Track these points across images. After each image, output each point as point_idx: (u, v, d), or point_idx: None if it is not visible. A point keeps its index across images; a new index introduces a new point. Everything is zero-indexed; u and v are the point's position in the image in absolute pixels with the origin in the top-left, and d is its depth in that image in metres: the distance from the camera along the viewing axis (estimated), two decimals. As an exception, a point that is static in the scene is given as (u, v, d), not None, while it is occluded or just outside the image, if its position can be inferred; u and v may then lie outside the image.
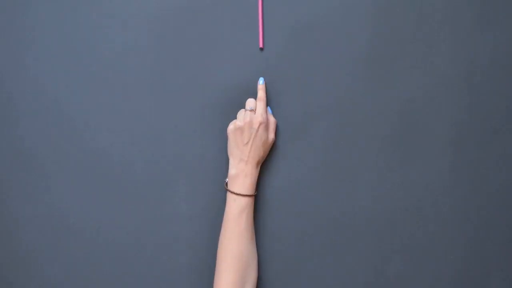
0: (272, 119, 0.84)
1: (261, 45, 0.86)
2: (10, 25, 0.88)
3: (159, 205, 0.85)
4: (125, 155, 0.86)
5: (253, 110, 0.82)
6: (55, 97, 0.87)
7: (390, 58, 0.87)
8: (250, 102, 0.83)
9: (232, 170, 0.80)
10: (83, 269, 0.84)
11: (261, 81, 0.85)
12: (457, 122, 0.86)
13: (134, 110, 0.87)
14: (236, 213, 0.78)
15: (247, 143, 0.80)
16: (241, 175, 0.79)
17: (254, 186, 0.81)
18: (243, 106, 0.85)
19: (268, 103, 0.86)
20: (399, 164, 0.85)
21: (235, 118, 0.86)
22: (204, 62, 0.87)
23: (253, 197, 0.80)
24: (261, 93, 0.84)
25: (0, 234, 0.85)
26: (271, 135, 0.83)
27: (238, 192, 0.78)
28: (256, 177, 0.81)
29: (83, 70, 0.87)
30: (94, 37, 0.88)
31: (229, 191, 0.79)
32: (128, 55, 0.87)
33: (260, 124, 0.80)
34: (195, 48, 0.87)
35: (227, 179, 0.81)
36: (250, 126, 0.80)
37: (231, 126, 0.82)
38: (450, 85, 0.86)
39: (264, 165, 0.85)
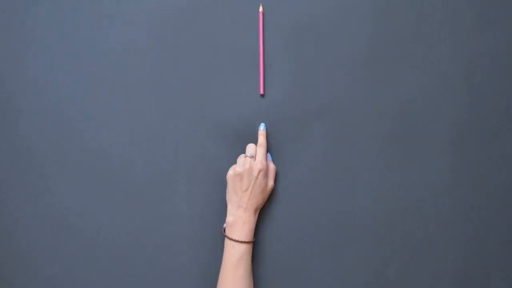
0: (272, 166, 0.83)
1: (261, 92, 0.86)
2: (10, 25, 0.88)
3: (159, 205, 0.85)
4: (125, 155, 0.86)
5: (253, 157, 0.81)
6: (55, 97, 0.87)
7: (390, 58, 0.87)
8: (250, 148, 0.83)
9: (230, 217, 0.80)
10: (83, 269, 0.84)
11: (262, 127, 0.84)
12: (457, 122, 0.86)
13: (134, 110, 0.87)
14: (235, 260, 0.77)
15: (246, 190, 0.79)
16: (239, 222, 0.79)
17: (253, 232, 0.80)
18: (242, 107, 0.86)
19: (268, 108, 0.86)
20: (399, 164, 0.85)
21: (235, 121, 0.86)
22: (204, 65, 0.87)
23: (252, 243, 0.79)
24: (261, 139, 0.83)
25: (0, 234, 0.85)
26: (270, 182, 0.83)
27: (236, 239, 0.78)
28: (254, 224, 0.80)
29: (83, 70, 0.87)
30: (94, 37, 0.88)
31: (228, 237, 0.78)
32: (128, 55, 0.87)
33: (260, 171, 0.80)
34: (195, 48, 0.87)
35: (224, 225, 0.81)
36: (249, 173, 0.79)
37: (230, 172, 0.81)
38: (450, 85, 0.86)
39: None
